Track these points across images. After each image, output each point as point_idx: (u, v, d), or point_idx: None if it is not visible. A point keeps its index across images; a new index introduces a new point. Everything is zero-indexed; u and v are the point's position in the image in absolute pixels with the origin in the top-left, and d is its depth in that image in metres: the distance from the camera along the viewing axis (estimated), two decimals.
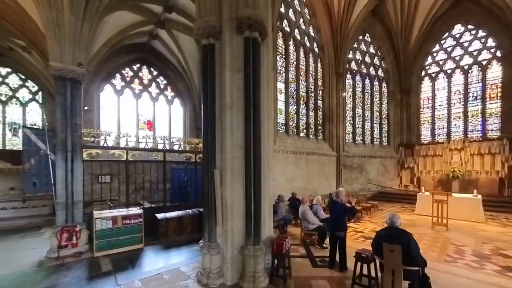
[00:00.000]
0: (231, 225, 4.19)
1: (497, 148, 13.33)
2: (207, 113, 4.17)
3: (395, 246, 3.33)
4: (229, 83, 4.08)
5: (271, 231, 4.86)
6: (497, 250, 5.91)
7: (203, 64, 4.28)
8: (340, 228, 4.70)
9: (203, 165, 4.41)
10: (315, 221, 6.21)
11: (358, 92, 16.02)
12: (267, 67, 4.45)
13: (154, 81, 13.27)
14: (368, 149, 16.10)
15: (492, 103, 14.05)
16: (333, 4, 13.01)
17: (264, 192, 4.44)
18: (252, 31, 4.05)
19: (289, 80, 11.71)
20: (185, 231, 7.23)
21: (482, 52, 14.25)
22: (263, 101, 4.27)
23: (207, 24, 4.11)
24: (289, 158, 11.07)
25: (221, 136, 4.14)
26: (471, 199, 9.39)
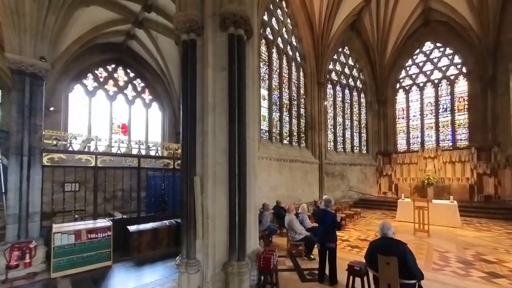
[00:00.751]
0: (213, 238, 3.76)
1: (466, 156, 14.10)
2: (186, 114, 3.77)
3: (391, 258, 3.11)
4: (212, 83, 3.73)
5: (257, 244, 4.47)
6: (479, 256, 5.97)
7: (183, 61, 3.91)
8: (331, 239, 4.43)
9: (181, 172, 3.97)
10: (301, 231, 5.91)
11: (338, 102, 16.39)
12: (253, 67, 4.18)
13: (131, 83, 12.51)
14: (348, 157, 16.35)
15: (460, 114, 15.01)
16: (314, 16, 13.33)
17: (250, 201, 4.08)
18: (237, 28, 3.78)
19: (272, 87, 11.61)
20: (161, 245, 6.61)
21: (450, 68, 15.31)
22: (249, 102, 3.97)
23: (187, 18, 3.77)
24: (272, 165, 10.81)
25: (202, 139, 3.75)
26: (448, 205, 9.66)
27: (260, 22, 10.44)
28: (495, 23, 12.68)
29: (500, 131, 13.11)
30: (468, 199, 13.59)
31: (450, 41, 15.08)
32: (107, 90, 11.70)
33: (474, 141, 14.25)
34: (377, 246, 3.35)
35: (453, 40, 14.88)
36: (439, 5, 14.14)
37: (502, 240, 7.45)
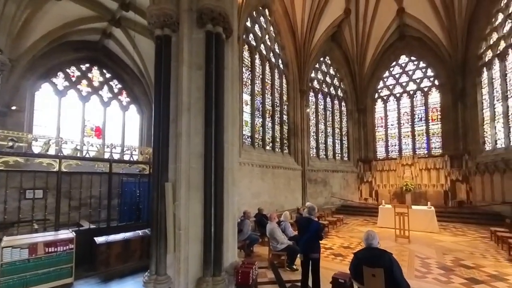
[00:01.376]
0: (186, 252, 3.40)
1: (441, 164, 14.71)
2: (159, 114, 3.45)
3: (377, 270, 2.92)
4: (187, 81, 3.46)
5: (235, 256, 4.15)
6: (458, 261, 6.02)
7: (156, 58, 3.61)
8: (314, 249, 4.20)
9: (152, 178, 3.60)
10: (284, 240, 5.66)
11: (320, 109, 16.63)
12: (232, 68, 3.95)
13: (107, 84, 11.83)
14: (331, 163, 16.49)
15: (434, 124, 15.75)
16: (297, 26, 13.56)
17: (228, 210, 3.79)
18: (215, 25, 3.55)
19: (255, 93, 11.48)
20: (133, 257, 6.05)
21: (423, 80, 16.14)
22: (227, 104, 3.72)
23: (161, 13, 3.50)
24: (255, 172, 10.56)
25: (175, 142, 3.43)
26: (426, 210, 9.87)
27: (243, 28, 10.38)
28: (463, 41, 13.57)
29: (470, 140, 13.85)
30: (443, 204, 14.07)
31: (424, 55, 15.91)
32: (80, 91, 10.96)
33: (447, 149, 14.93)
34: (362, 257, 3.16)
35: (426, 55, 15.72)
36: (413, 21, 14.90)
37: (477, 244, 7.63)
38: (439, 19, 13.66)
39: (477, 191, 13.35)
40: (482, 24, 12.73)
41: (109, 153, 6.60)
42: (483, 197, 12.84)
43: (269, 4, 12.50)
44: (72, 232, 5.36)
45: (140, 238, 6.21)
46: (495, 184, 12.14)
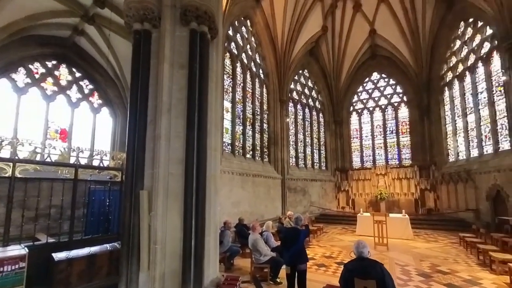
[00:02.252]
0: (162, 269, 3.02)
1: (411, 173, 15.53)
2: (135, 115, 3.12)
3: (369, 282, 2.80)
4: (168, 80, 3.19)
5: (216, 271, 3.82)
6: (434, 267, 6.18)
7: (134, 54, 3.32)
8: (303, 260, 4.01)
9: (125, 185, 3.22)
10: (267, 252, 5.39)
11: (299, 120, 16.92)
12: (217, 70, 3.75)
13: (76, 83, 10.90)
14: (309, 172, 16.67)
15: (404, 136, 16.75)
16: (277, 39, 13.88)
17: (210, 221, 3.49)
18: (200, 24, 3.37)
19: (236, 100, 11.34)
20: (99, 274, 5.35)
21: (393, 96, 17.25)
22: (211, 107, 3.50)
23: (141, 6, 3.24)
24: (235, 180, 10.26)
25: (153, 146, 3.09)
26: (401, 218, 10.19)
27: (225, 36, 10.32)
28: (427, 62, 14.83)
29: (436, 152, 14.89)
30: (414, 212, 14.72)
31: (393, 73, 17.07)
32: (44, 89, 9.95)
33: (416, 160, 15.84)
34: (353, 268, 3.02)
35: (395, 73, 16.88)
36: (383, 42, 15.97)
37: (449, 250, 7.96)
38: (406, 41, 14.81)
39: (444, 199, 14.21)
40: (443, 49, 14.03)
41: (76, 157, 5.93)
42: (449, 204, 13.68)
43: (251, 16, 12.64)
44: (25, 248, 4.63)
45: (109, 253, 5.55)
46: (458, 193, 13.01)
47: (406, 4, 13.55)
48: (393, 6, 13.95)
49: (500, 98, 10.68)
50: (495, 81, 11.05)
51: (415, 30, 14.22)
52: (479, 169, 11.66)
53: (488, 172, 11.04)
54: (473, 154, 12.51)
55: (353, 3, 14.58)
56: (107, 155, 6.82)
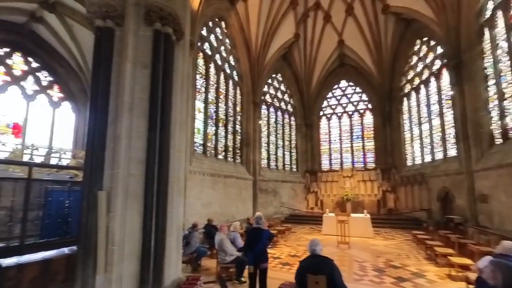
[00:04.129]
0: (120, 271, 2.98)
1: (374, 176, 16.64)
2: (95, 114, 3.05)
3: (320, 277, 3.03)
4: (130, 80, 3.16)
5: (178, 272, 3.82)
6: (388, 262, 6.73)
7: (96, 51, 3.24)
8: (264, 259, 4.17)
9: (83, 185, 3.12)
10: (233, 252, 5.48)
11: (272, 122, 17.33)
12: (183, 71, 3.78)
13: (33, 74, 10.04)
14: (280, 174, 17.09)
15: (368, 141, 17.93)
16: (251, 42, 14.11)
17: (172, 221, 3.50)
18: (164, 25, 3.38)
19: (208, 101, 11.30)
20: (54, 281, 4.98)
21: (359, 103, 18.42)
22: (176, 108, 3.52)
23: (104, 2, 3.18)
24: (206, 181, 10.20)
25: (113, 145, 3.04)
26: (363, 218, 10.89)
27: (199, 36, 10.27)
28: (389, 74, 16.12)
29: (396, 157, 16.18)
30: (376, 212, 15.79)
31: (359, 82, 18.22)
32: None
33: (379, 163, 17.02)
34: (306, 265, 3.24)
35: (362, 82, 18.04)
36: (350, 52, 16.99)
37: (403, 246, 8.70)
38: (370, 53, 15.94)
39: (402, 200, 15.44)
40: (402, 62, 15.38)
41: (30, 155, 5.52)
42: (407, 205, 14.90)
43: (226, 17, 12.72)
44: None
45: (66, 257, 5.21)
46: (415, 194, 14.25)
47: (371, 19, 14.58)
48: (359, 20, 14.93)
49: (448, 110, 11.95)
50: (444, 94, 12.34)
51: (378, 43, 15.36)
52: (432, 173, 12.88)
53: (439, 176, 12.26)
54: (427, 159, 13.79)
55: (323, 14, 15.33)
56: (66, 153, 6.42)
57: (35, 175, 5.44)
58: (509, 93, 8.49)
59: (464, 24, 10.27)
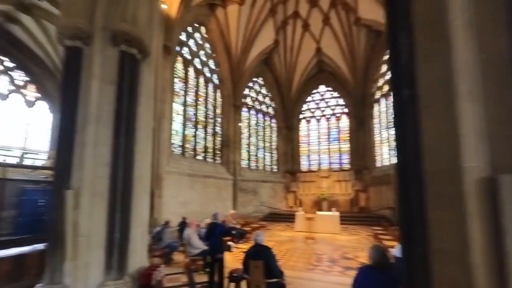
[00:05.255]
0: (87, 258, 3.46)
1: (348, 176, 17.64)
2: (65, 123, 3.51)
3: (258, 262, 3.64)
4: (97, 94, 3.62)
5: (143, 261, 4.32)
6: (343, 255, 7.49)
7: (65, 68, 3.69)
8: (219, 250, 4.75)
9: (53, 185, 3.57)
10: (200, 245, 6.01)
11: (253, 124, 17.93)
12: (149, 85, 4.28)
13: (7, 74, 10.13)
14: (261, 174, 17.74)
15: (344, 144, 18.97)
16: (232, 47, 14.63)
17: (137, 217, 4.00)
18: (129, 47, 3.86)
19: (187, 104, 11.75)
20: (28, 275, 5.37)
21: (336, 107, 19.48)
22: (142, 118, 4.01)
23: (73, 26, 3.62)
24: (183, 181, 10.66)
25: (80, 151, 3.51)
26: (331, 215, 11.71)
27: (177, 41, 10.70)
28: (362, 80, 17.14)
29: (368, 158, 17.23)
30: (349, 210, 16.77)
31: (336, 87, 19.22)
32: None
33: (353, 164, 18.05)
34: (249, 253, 3.87)
35: (338, 87, 19.04)
36: (328, 59, 17.91)
37: (363, 241, 9.53)
38: (346, 61, 16.93)
39: (373, 199, 16.49)
40: (374, 70, 16.48)
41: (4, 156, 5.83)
42: (376, 203, 15.94)
43: (206, 23, 13.21)
44: None
45: (40, 253, 5.58)
46: (383, 193, 15.29)
47: (345, 30, 15.51)
48: (335, 30, 15.83)
49: None
50: None
51: (352, 52, 16.34)
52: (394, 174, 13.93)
53: None
54: (393, 161, 14.86)
55: (302, 22, 16.11)
56: (38, 153, 6.73)
57: (9, 175, 5.76)
58: None
59: None
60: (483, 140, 1.62)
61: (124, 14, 3.79)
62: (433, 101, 1.87)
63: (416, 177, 1.94)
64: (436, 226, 1.79)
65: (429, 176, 1.85)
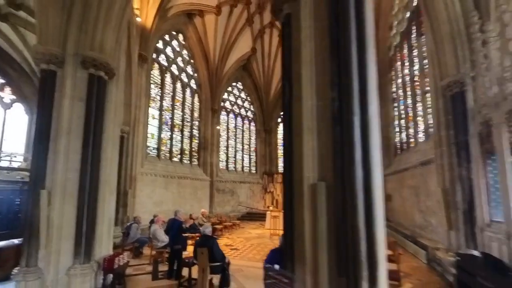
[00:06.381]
0: (58, 246, 4.17)
1: None
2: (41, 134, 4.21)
3: (204, 249, 4.48)
4: (69, 110, 4.33)
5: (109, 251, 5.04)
6: None
7: (41, 87, 4.37)
8: (177, 242, 5.55)
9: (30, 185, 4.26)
10: (164, 239, 6.76)
11: (232, 127, 18.69)
12: (116, 101, 5.00)
13: None
14: (239, 175, 18.54)
15: None
16: (210, 53, 15.32)
17: (104, 214, 4.73)
18: (97, 70, 4.59)
19: (163, 108, 12.37)
20: (5, 267, 5.89)
21: None
22: (108, 130, 4.74)
23: (48, 52, 4.32)
24: (158, 181, 11.29)
25: (54, 158, 4.21)
26: None
27: (154, 49, 11.33)
28: None
29: None
30: None
31: None
32: None
33: None
34: (198, 242, 4.71)
35: None
36: None
37: None
38: None
39: None
40: None
41: None
42: None
43: (183, 30, 13.87)
44: None
45: (15, 246, 6.14)
46: None
47: None
48: None
49: None
50: None
51: None
52: None
53: None
54: None
55: (278, 32, 17.06)
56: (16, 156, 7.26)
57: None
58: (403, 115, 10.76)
59: (380, 54, 12.51)
60: (313, 159, 2.53)
61: (92, 42, 4.52)
62: (298, 131, 2.77)
63: (289, 183, 2.84)
64: (296, 217, 2.69)
65: (293, 182, 2.75)
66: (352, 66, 2.19)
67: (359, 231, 2.05)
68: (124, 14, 4.91)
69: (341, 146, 2.23)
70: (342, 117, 2.23)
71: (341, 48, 2.28)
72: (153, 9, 10.17)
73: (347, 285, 2.07)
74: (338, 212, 2.21)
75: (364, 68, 2.21)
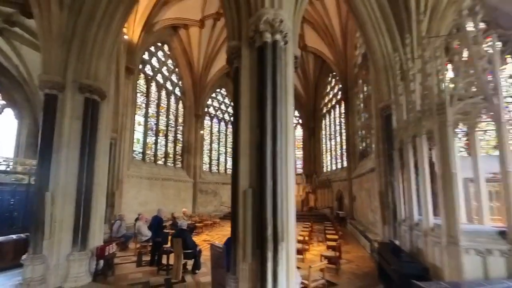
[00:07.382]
0: (59, 237, 5.18)
1: (300, 180, 20.12)
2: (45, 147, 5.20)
3: (178, 239, 5.62)
4: (68, 127, 5.36)
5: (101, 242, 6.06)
6: None
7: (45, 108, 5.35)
8: (158, 236, 6.66)
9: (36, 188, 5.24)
10: (147, 234, 7.81)
11: (215, 131, 19.78)
12: (107, 118, 6.05)
13: None
14: (222, 177, 19.62)
15: (298, 151, 21.50)
16: (194, 62, 16.36)
17: (96, 211, 5.76)
18: (92, 94, 5.64)
19: (149, 115, 13.32)
20: (5, 259, 6.79)
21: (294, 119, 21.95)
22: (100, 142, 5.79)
23: (51, 81, 5.34)
24: (143, 183, 12.22)
25: (56, 165, 5.22)
26: None
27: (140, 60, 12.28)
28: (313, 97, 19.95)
29: (317, 164, 20.01)
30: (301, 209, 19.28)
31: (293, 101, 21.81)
32: None
33: (305, 169, 20.69)
34: (174, 234, 5.84)
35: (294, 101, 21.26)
36: None
37: None
38: (299, 79, 19.49)
39: (319, 199, 19.19)
40: (322, 89, 19.32)
41: None
42: (322, 203, 18.66)
43: (169, 42, 14.86)
44: None
45: (14, 241, 7.02)
46: (326, 195, 18.04)
47: None
48: None
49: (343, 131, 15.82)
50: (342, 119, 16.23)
51: (304, 72, 18.97)
52: (334, 179, 16.70)
53: (337, 181, 16.06)
54: (333, 168, 17.64)
55: None
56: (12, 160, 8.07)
57: None
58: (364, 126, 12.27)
59: (348, 69, 14.04)
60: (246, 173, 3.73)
61: (88, 72, 5.58)
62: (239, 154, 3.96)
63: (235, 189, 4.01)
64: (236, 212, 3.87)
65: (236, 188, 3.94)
66: (266, 114, 3.41)
67: (267, 220, 3.27)
68: (115, 47, 5.96)
69: (261, 165, 3.44)
70: (262, 146, 3.45)
71: (263, 101, 3.50)
72: (139, 26, 11.14)
73: (261, 254, 3.29)
74: (257, 208, 3.43)
75: (275, 115, 3.44)
